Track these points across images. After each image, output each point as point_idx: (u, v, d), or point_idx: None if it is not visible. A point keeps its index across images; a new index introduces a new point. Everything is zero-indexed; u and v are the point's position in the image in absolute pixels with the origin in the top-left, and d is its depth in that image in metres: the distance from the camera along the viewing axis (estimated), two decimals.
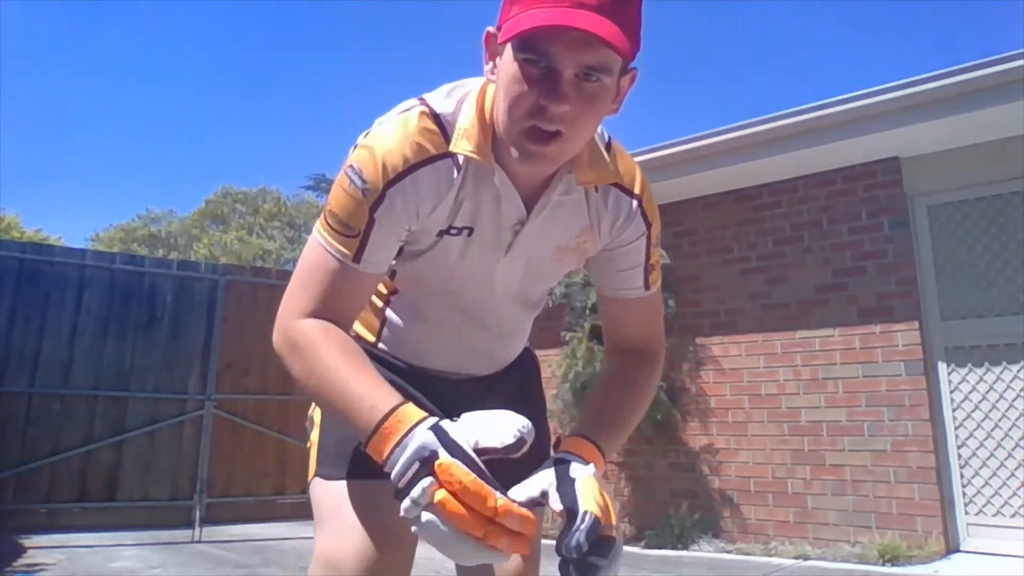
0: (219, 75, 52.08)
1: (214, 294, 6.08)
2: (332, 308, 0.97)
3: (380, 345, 1.21)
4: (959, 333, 4.17)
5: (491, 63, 0.96)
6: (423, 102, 1.00)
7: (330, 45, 53.62)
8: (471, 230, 1.05)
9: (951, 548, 3.96)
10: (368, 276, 1.00)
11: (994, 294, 4.11)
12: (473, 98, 1.00)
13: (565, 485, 0.84)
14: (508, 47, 0.88)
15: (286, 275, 5.09)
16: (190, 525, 5.21)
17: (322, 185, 12.97)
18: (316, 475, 1.11)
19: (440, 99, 1.01)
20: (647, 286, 1.16)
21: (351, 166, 0.97)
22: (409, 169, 0.96)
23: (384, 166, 0.95)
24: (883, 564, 3.85)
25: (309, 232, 1.04)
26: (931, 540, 3.92)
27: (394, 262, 1.07)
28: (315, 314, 0.96)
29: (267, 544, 4.96)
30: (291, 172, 54.92)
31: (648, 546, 4.65)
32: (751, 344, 4.79)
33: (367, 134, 1.00)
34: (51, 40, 48.35)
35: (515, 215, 1.04)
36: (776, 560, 4.16)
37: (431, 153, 0.97)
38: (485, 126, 0.98)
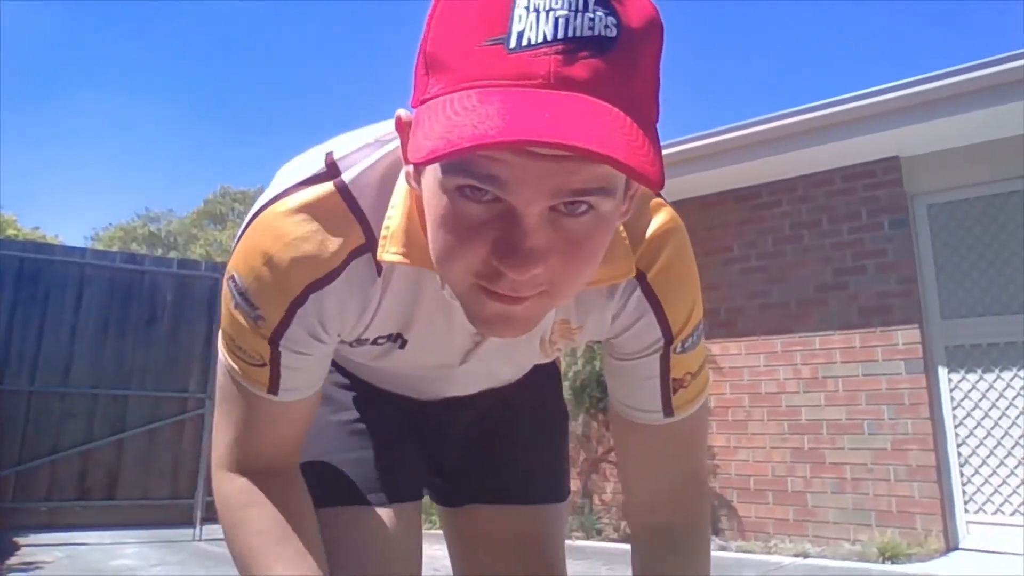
0: (219, 74, 52.00)
1: (214, 292, 6.05)
2: (261, 450, 0.78)
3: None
4: (959, 332, 4.18)
5: (411, 165, 0.62)
6: (333, 175, 0.69)
7: (330, 44, 53.56)
8: (403, 340, 0.79)
9: (951, 546, 3.97)
10: (296, 404, 0.77)
11: (994, 293, 4.12)
12: (404, 179, 0.67)
13: None
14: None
15: None
16: (191, 523, 5.20)
17: None
18: None
19: (357, 168, 0.70)
20: (668, 410, 0.83)
21: (233, 278, 0.71)
22: (313, 286, 0.69)
23: (280, 286, 0.68)
24: (883, 562, 3.85)
25: None
26: (931, 538, 3.93)
27: None
28: (241, 463, 0.78)
29: None
30: None
31: None
32: (751, 343, 4.79)
33: (253, 219, 0.70)
34: (51, 38, 48.26)
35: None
36: (776, 558, 4.16)
37: (338, 262, 0.68)
38: (422, 216, 0.63)
